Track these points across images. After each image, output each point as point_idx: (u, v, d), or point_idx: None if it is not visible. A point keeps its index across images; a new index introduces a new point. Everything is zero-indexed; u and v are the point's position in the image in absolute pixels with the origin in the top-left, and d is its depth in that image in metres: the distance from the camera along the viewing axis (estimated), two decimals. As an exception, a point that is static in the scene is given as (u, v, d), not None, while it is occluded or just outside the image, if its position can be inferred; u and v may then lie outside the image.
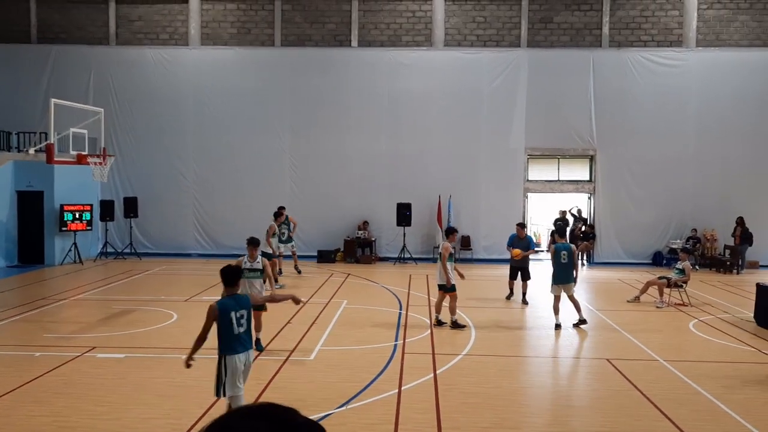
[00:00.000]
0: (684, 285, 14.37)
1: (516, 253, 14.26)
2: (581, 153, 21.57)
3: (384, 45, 21.72)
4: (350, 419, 7.20)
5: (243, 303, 6.44)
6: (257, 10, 22.00)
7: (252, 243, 10.06)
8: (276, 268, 16.06)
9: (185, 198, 21.94)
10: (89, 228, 20.07)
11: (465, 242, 21.42)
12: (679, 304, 14.15)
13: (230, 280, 6.47)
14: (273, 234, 16.01)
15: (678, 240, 20.83)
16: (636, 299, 14.61)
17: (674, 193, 21.10)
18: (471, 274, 14.03)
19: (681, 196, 21.13)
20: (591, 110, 21.21)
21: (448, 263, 11.64)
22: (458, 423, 7.16)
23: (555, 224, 21.71)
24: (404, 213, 20.75)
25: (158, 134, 21.81)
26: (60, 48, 21.95)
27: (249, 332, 6.48)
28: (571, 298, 11.94)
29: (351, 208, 21.50)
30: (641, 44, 21.36)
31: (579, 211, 21.87)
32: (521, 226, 15.00)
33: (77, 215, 19.55)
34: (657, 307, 13.95)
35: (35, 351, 9.81)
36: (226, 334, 6.21)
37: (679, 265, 14.62)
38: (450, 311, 11.74)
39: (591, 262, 21.34)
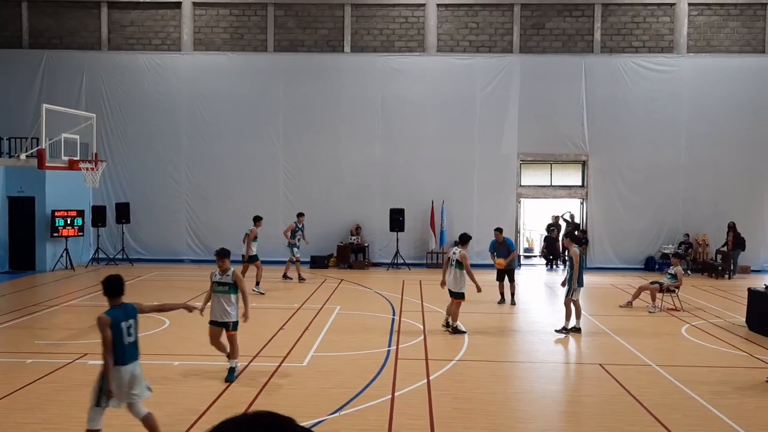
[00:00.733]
0: (676, 290, 14.42)
1: (500, 265, 14.56)
2: (573, 158, 21.64)
3: (377, 50, 21.76)
4: (343, 426, 7.18)
5: (130, 312, 6.39)
6: (250, 16, 22.00)
7: (220, 254, 8.97)
8: (260, 272, 15.95)
9: (177, 203, 21.86)
10: (81, 234, 19.96)
11: (458, 247, 21.41)
12: (672, 309, 14.20)
13: (113, 291, 6.40)
14: (254, 238, 15.89)
15: (670, 245, 20.91)
16: (628, 304, 14.66)
17: (666, 198, 21.21)
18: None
19: (673, 201, 21.24)
20: (583, 116, 21.30)
21: (457, 270, 11.64)
22: (452, 429, 7.16)
23: (548, 229, 21.80)
24: (397, 218, 20.75)
25: (150, 140, 21.73)
26: (52, 53, 21.86)
27: (137, 343, 6.39)
28: (574, 303, 12.07)
29: (344, 214, 21.49)
30: (632, 50, 21.49)
31: (572, 216, 21.94)
32: (499, 231, 15.28)
33: (69, 221, 19.44)
34: (649, 312, 14.00)
35: (26, 358, 9.76)
36: (117, 345, 6.14)
37: (672, 270, 14.67)
38: (453, 317, 11.81)
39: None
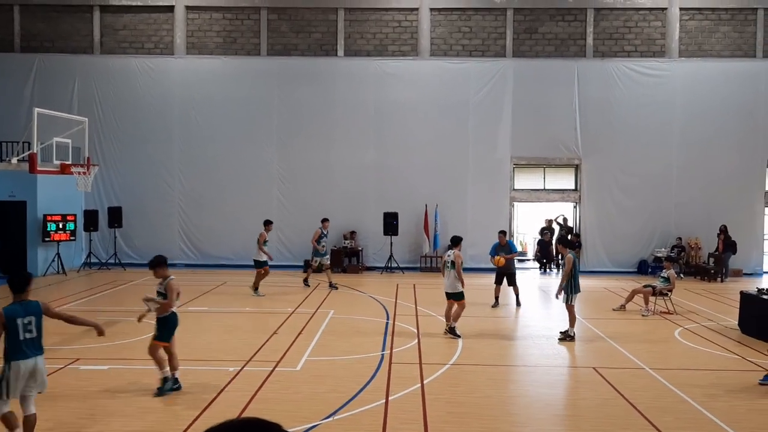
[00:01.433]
0: (669, 293, 14.47)
1: (499, 263, 14.54)
2: (567, 162, 21.71)
3: (370, 54, 21.77)
4: (337, 430, 7.16)
5: (31, 309, 6.54)
6: (243, 20, 21.98)
7: (152, 264, 8.46)
8: (261, 278, 16.00)
9: (170, 208, 21.78)
10: (73, 238, 19.86)
11: (452, 251, 21.44)
12: (665, 313, 14.24)
13: (18, 288, 6.62)
14: (264, 242, 16.02)
15: (663, 248, 20.97)
16: (622, 308, 14.69)
17: (659, 202, 21.29)
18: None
19: (665, 205, 21.33)
20: (576, 119, 21.38)
21: (453, 271, 11.69)
22: (445, 433, 7.14)
23: (541, 233, 21.83)
24: (391, 222, 20.73)
25: (143, 144, 21.66)
26: (44, 57, 21.77)
27: (39, 339, 6.53)
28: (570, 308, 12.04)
29: (337, 218, 21.42)
30: (625, 54, 21.59)
31: (565, 220, 22.00)
32: (503, 234, 15.42)
33: (60, 225, 19.33)
34: (642, 316, 14.03)
35: (17, 363, 9.66)
36: (12, 340, 6.40)
37: (664, 274, 14.71)
38: (454, 318, 11.80)
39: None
